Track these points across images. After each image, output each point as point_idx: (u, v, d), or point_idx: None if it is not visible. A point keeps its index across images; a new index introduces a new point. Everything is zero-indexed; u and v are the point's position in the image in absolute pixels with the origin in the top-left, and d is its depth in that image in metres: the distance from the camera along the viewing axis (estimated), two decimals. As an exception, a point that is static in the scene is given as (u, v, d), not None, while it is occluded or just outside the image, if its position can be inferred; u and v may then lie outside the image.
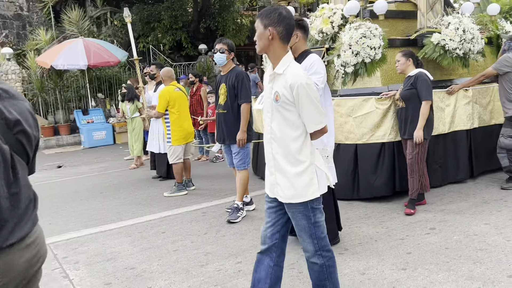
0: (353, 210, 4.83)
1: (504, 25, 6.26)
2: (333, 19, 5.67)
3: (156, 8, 17.06)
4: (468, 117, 5.59)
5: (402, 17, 6.07)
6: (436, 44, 5.42)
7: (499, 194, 5.13)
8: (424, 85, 4.47)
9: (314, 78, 3.54)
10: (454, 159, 5.55)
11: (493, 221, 4.26)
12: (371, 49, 5.18)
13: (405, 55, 4.66)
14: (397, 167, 5.08)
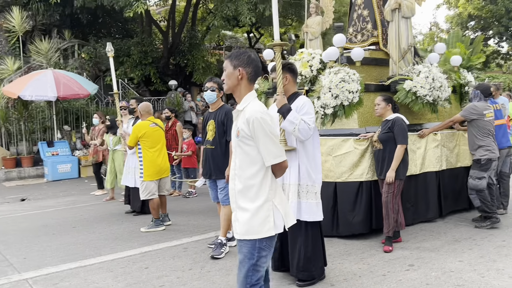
0: (333, 247, 4.96)
1: (466, 75, 6.77)
2: (312, 63, 5.97)
3: (125, 43, 17.16)
4: (437, 159, 5.94)
5: (375, 64, 6.46)
6: (408, 91, 5.78)
7: (468, 233, 5.41)
8: (401, 130, 4.76)
9: (306, 118, 3.73)
10: (425, 199, 5.84)
11: (466, 259, 4.49)
12: (349, 92, 5.46)
13: (386, 100, 4.99)
14: (374, 205, 5.29)
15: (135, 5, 13.33)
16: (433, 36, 31.72)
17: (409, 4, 5.98)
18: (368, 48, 6.64)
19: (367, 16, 6.77)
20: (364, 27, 6.80)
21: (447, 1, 30.23)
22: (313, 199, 3.87)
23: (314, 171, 3.89)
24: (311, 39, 7.05)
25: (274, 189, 2.52)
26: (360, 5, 6.86)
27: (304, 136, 3.71)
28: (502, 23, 26.55)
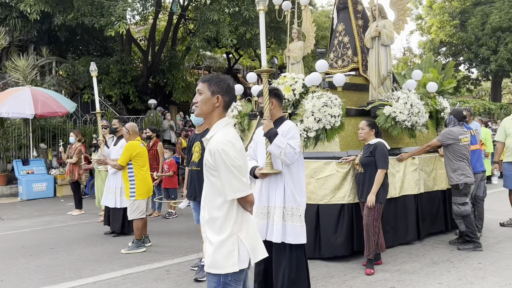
0: (316, 269, 5.01)
1: (441, 101, 7.03)
2: (294, 87, 6.10)
3: (104, 61, 17.09)
4: (415, 182, 6.11)
5: (355, 89, 6.66)
6: (387, 116, 5.96)
7: (445, 255, 5.55)
8: (382, 155, 4.90)
9: (291, 142, 3.82)
10: (404, 222, 5.97)
11: (445, 281, 4.61)
12: (331, 116, 5.60)
13: (370, 125, 5.12)
14: (355, 227, 5.38)
15: (117, 25, 13.38)
16: (406, 61, 32.73)
17: (388, 32, 6.22)
18: (348, 74, 6.84)
19: (348, 42, 7.00)
20: (345, 53, 7.02)
21: (420, 28, 31.33)
22: (297, 221, 3.92)
23: (299, 194, 3.95)
24: (293, 63, 7.22)
25: (240, 222, 2.42)
26: (341, 32, 7.09)
27: (290, 160, 3.79)
28: (472, 50, 27.62)
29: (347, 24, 7.01)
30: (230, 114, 6.62)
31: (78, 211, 9.22)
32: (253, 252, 2.46)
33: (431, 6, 29.59)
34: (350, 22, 6.97)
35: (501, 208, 7.97)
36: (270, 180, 3.95)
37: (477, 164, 6.40)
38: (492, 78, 29.61)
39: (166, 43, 18.78)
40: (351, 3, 7.00)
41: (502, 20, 25.79)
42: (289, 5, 7.27)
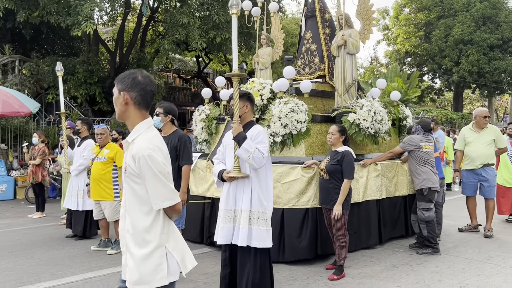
0: (279, 273, 5.07)
1: (404, 109, 7.26)
2: (262, 92, 6.19)
3: (70, 61, 16.74)
4: (378, 188, 6.28)
5: (321, 96, 6.80)
6: (352, 123, 6.11)
7: (405, 259, 5.73)
8: (349, 164, 4.91)
9: (260, 147, 3.87)
10: (367, 226, 6.12)
11: (404, 284, 4.77)
12: (298, 122, 5.71)
13: (341, 131, 5.12)
14: (319, 231, 5.49)
15: (84, 25, 13.15)
16: (373, 70, 33.52)
17: (354, 41, 6.39)
18: (315, 81, 6.98)
19: (315, 50, 7.15)
20: (312, 60, 7.16)
21: (387, 38, 32.19)
22: (263, 225, 3.95)
23: (266, 199, 3.99)
24: (262, 69, 7.31)
25: (167, 232, 2.27)
26: (309, 40, 7.23)
27: (258, 164, 3.85)
28: (436, 61, 28.59)
29: (314, 32, 7.16)
30: (197, 117, 6.64)
31: (39, 214, 8.98)
32: (183, 262, 2.34)
33: (398, 17, 30.48)
34: (317, 30, 7.13)
35: (459, 214, 8.28)
36: (238, 183, 3.98)
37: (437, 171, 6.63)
38: (454, 89, 30.72)
39: (134, 44, 18.58)
40: (319, 12, 7.16)
41: (464, 33, 26.83)
42: (259, 11, 7.37)
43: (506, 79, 27.95)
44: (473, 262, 5.58)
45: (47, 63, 16.26)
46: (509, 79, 27.98)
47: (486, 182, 7.06)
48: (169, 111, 4.89)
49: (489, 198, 7.13)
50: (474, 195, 7.26)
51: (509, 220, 8.24)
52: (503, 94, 31.74)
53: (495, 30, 27.21)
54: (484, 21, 27.58)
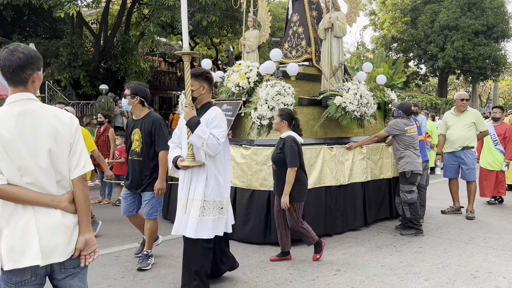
0: (265, 254, 5.12)
1: (389, 93, 7.29)
2: (249, 75, 6.16)
3: (54, 43, 16.44)
4: (363, 171, 6.34)
5: (308, 79, 6.79)
6: (338, 106, 6.13)
7: (389, 240, 5.83)
8: (289, 151, 4.49)
9: (216, 132, 3.57)
10: (353, 208, 6.19)
11: (387, 264, 4.85)
12: (284, 105, 5.70)
13: (281, 115, 4.73)
14: (305, 213, 5.53)
15: (67, 6, 12.87)
16: (359, 55, 33.59)
17: (341, 24, 6.37)
18: (301, 64, 6.96)
19: (302, 33, 7.11)
20: (299, 43, 7.13)
21: (373, 23, 32.22)
22: (217, 214, 3.77)
23: (223, 187, 3.81)
24: (248, 52, 7.25)
25: (8, 217, 2.11)
26: (296, 22, 7.19)
27: (213, 151, 3.60)
28: (421, 46, 28.75)
29: (301, 14, 7.12)
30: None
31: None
32: (12, 254, 2.07)
33: (384, 2, 30.51)
34: (304, 13, 7.08)
35: (443, 197, 8.40)
36: (193, 171, 3.74)
37: (421, 154, 6.72)
38: (439, 75, 30.99)
39: (119, 27, 18.27)
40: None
41: (450, 18, 26.97)
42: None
43: (490, 65, 28.27)
44: (455, 243, 5.69)
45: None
46: (493, 65, 28.30)
47: (465, 165, 7.17)
48: (136, 92, 4.55)
49: (469, 180, 7.25)
50: (456, 177, 7.38)
51: (491, 203, 8.41)
52: (486, 80, 32.09)
53: (480, 16, 27.39)
54: (470, 7, 27.74)
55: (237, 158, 5.67)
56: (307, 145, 5.75)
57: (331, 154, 5.98)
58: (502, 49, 28.57)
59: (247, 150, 5.62)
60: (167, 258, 5.02)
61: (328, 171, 5.93)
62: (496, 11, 27.53)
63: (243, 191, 5.66)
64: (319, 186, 5.81)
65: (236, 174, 5.64)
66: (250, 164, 5.57)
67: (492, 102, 34.60)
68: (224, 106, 6.19)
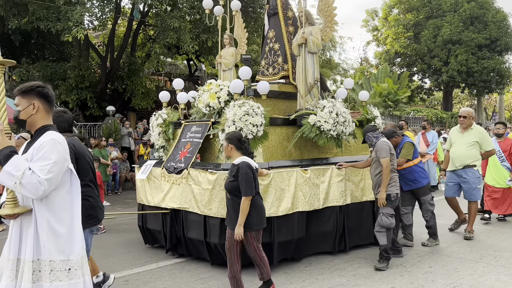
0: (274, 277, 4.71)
1: (372, 110, 6.67)
2: (220, 94, 5.65)
3: (61, 66, 16.26)
4: (341, 193, 5.73)
5: (283, 98, 6.26)
6: (312, 125, 5.57)
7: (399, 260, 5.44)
8: (244, 179, 3.97)
9: (37, 166, 2.43)
10: (325, 234, 5.58)
11: (398, 285, 4.61)
12: (253, 126, 5.17)
13: (227, 139, 4.20)
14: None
15: (74, 30, 12.68)
16: (363, 71, 32.89)
17: (315, 39, 5.84)
18: (277, 82, 6.44)
19: (278, 50, 6.60)
20: (275, 60, 6.61)
21: (376, 39, 31.56)
22: (65, 279, 2.52)
23: (67, 239, 2.56)
24: (225, 70, 6.77)
25: None
26: (272, 39, 6.68)
27: (33, 193, 2.42)
28: (425, 61, 27.96)
29: (277, 30, 6.61)
30: (154, 122, 6.11)
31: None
32: None
33: (387, 18, 29.84)
34: (280, 28, 6.57)
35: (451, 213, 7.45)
36: (22, 221, 2.56)
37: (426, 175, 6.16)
38: (444, 88, 30.07)
39: (125, 49, 18.07)
40: (281, 9, 6.60)
41: (453, 33, 26.23)
42: (221, 10, 6.82)
43: (495, 78, 27.32)
44: (466, 262, 5.34)
45: (37, 69, 15.80)
46: (497, 78, 27.33)
47: (467, 183, 6.53)
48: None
49: (471, 200, 6.61)
50: (454, 196, 6.74)
51: (500, 219, 7.72)
52: (492, 93, 31.04)
53: (483, 30, 26.57)
54: (472, 21, 26.93)
55: (204, 184, 5.14)
56: (278, 168, 5.20)
57: (304, 177, 5.40)
58: (506, 62, 27.63)
59: (213, 175, 5.07)
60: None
61: (301, 196, 5.36)
62: (499, 24, 26.66)
63: (211, 219, 5.11)
64: (292, 212, 5.24)
65: (204, 201, 5.11)
66: (217, 190, 5.02)
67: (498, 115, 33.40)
68: (193, 128, 5.70)
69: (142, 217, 6.05)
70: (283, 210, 5.15)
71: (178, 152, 5.60)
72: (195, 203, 5.21)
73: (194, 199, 5.22)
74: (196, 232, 5.26)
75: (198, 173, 5.21)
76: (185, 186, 5.32)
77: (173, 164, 5.50)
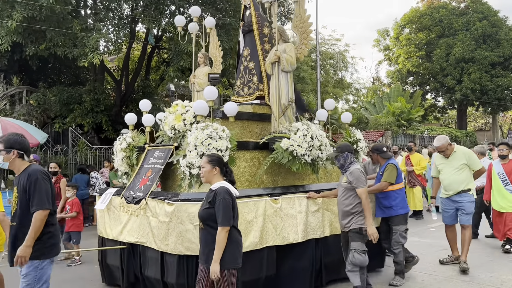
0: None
1: (355, 133, 5.87)
2: (185, 116, 5.00)
3: (77, 90, 16.06)
4: (318, 225, 4.93)
5: (257, 120, 5.56)
6: (285, 149, 4.84)
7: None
8: (222, 206, 3.27)
9: None
10: (301, 270, 4.77)
11: None
12: (217, 151, 4.48)
13: (212, 161, 3.50)
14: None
15: (90, 56, 12.44)
16: (375, 90, 31.78)
17: (288, 57, 5.15)
18: (251, 103, 5.76)
19: (253, 68, 5.92)
20: (251, 79, 5.94)
21: (388, 58, 30.52)
22: None
23: None
24: (199, 90, 6.14)
25: None
26: (247, 57, 6.02)
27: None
28: (438, 79, 26.76)
29: (252, 48, 5.94)
30: (118, 147, 5.49)
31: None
32: None
33: (398, 38, 28.83)
34: (255, 46, 5.90)
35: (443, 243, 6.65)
36: None
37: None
38: (458, 107, 28.67)
39: (139, 72, 17.82)
40: (256, 26, 5.92)
41: (465, 51, 25.09)
42: (195, 27, 6.23)
43: (509, 95, 25.85)
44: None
45: (54, 93, 15.65)
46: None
47: (462, 209, 5.72)
48: (11, 145, 3.53)
49: (464, 224, 5.75)
50: (454, 223, 5.92)
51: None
52: (506, 110, 29.40)
53: (496, 48, 25.27)
54: (485, 39, 25.68)
55: (161, 216, 4.42)
56: (244, 198, 4.45)
57: (274, 207, 4.64)
58: (520, 80, 26.11)
59: (171, 206, 4.36)
60: None
61: (272, 228, 4.59)
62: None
63: (168, 256, 4.39)
64: (260, 247, 4.47)
65: (160, 236, 4.40)
66: (175, 224, 4.31)
67: (514, 133, 31.58)
68: (156, 153, 5.03)
69: (102, 251, 5.35)
70: (249, 246, 4.39)
71: (139, 179, 4.94)
72: (152, 238, 4.51)
73: (152, 233, 4.52)
74: (154, 269, 4.54)
75: (156, 203, 4.51)
76: (143, 218, 4.63)
77: (132, 193, 4.82)
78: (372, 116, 23.16)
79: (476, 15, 26.11)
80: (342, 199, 4.53)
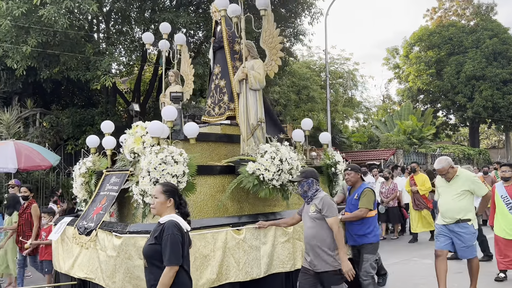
0: None
1: (334, 154, 5.17)
2: (145, 138, 4.44)
3: (89, 112, 15.87)
4: (289, 256, 4.24)
5: (226, 141, 4.94)
6: (251, 174, 4.20)
7: None
8: (170, 242, 2.74)
9: None
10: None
11: None
12: (172, 177, 3.89)
13: (166, 192, 2.95)
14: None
15: (103, 79, 12.26)
16: (386, 108, 30.75)
17: (256, 74, 4.55)
18: (220, 123, 5.16)
19: (224, 87, 5.34)
20: (221, 99, 5.36)
21: (398, 76, 29.59)
22: None
23: None
24: (170, 111, 5.57)
25: None
26: (218, 75, 5.46)
27: None
28: (449, 97, 25.69)
29: (223, 65, 5.37)
30: (77, 171, 4.96)
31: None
32: None
33: (408, 56, 27.94)
34: (226, 63, 5.34)
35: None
36: None
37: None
38: (470, 124, 27.38)
39: (151, 94, 17.59)
40: (227, 42, 5.36)
41: (476, 69, 24.05)
42: (166, 45, 5.74)
43: (522, 113, 24.53)
44: None
45: (67, 115, 15.49)
46: (525, 113, 24.50)
47: (461, 241, 4.82)
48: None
49: (469, 258, 4.94)
50: (446, 249, 4.96)
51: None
52: (520, 128, 27.91)
53: (507, 65, 24.16)
54: (495, 56, 24.56)
55: (108, 250, 3.82)
56: (202, 229, 3.82)
57: (237, 239, 3.98)
58: (533, 96, 24.76)
59: (119, 239, 3.76)
60: None
61: (233, 262, 3.92)
62: (523, 59, 24.16)
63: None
64: (218, 284, 3.81)
65: (108, 272, 3.80)
66: (122, 259, 3.70)
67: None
68: (113, 178, 4.47)
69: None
70: (205, 283, 3.74)
71: (93, 208, 4.37)
72: (100, 273, 3.91)
73: (100, 268, 3.92)
74: (102, 309, 3.93)
75: (105, 235, 3.92)
76: (92, 251, 4.04)
77: (85, 223, 4.25)
78: (383, 134, 22.23)
79: (486, 33, 25.10)
80: (308, 229, 3.79)
